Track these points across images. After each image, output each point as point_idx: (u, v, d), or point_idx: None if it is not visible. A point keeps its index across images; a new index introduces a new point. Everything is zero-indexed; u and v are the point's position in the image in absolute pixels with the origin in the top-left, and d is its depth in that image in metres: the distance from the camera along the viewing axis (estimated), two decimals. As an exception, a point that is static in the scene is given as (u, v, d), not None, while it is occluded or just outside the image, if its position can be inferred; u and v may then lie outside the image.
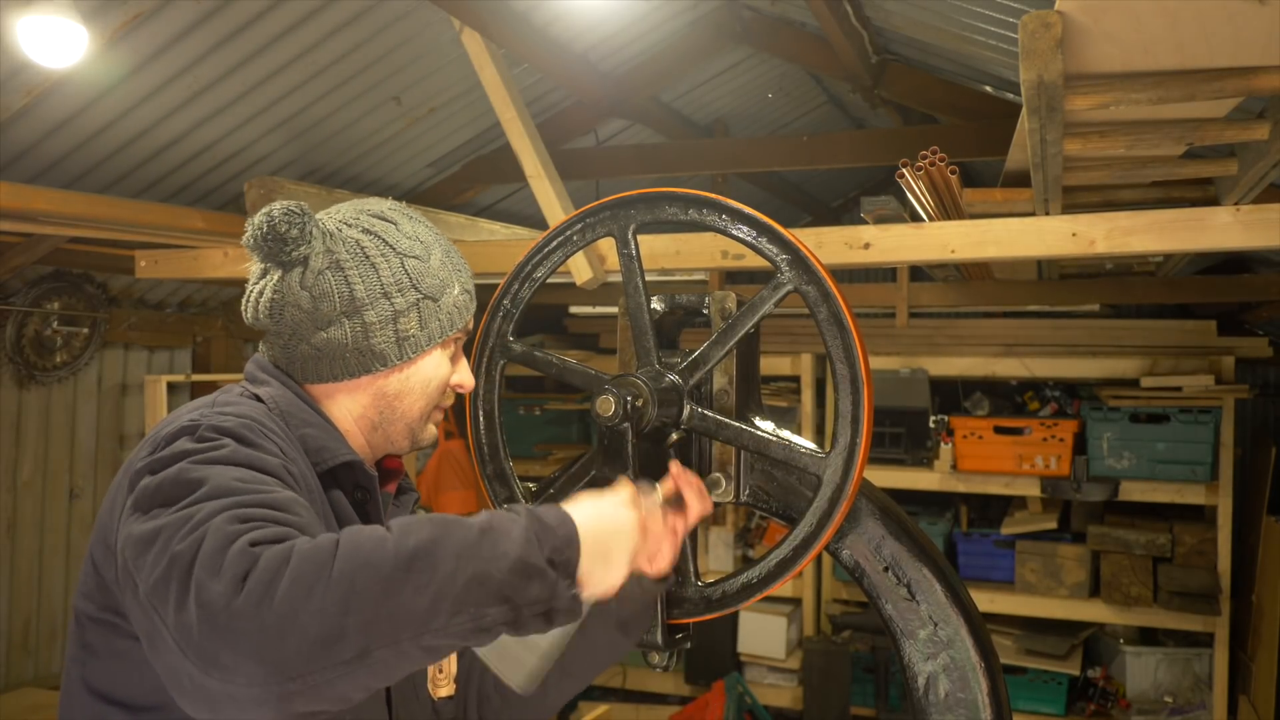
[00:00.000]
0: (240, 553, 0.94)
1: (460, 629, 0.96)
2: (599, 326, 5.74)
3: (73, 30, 2.54)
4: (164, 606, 0.95)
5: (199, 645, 0.92)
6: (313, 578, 0.92)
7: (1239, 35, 1.57)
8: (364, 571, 0.93)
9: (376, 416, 1.34)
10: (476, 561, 0.97)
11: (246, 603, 0.91)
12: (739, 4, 3.97)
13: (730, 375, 1.47)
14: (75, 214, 2.95)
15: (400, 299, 1.30)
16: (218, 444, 1.11)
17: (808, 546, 1.37)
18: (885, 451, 4.82)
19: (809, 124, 5.55)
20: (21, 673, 4.13)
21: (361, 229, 1.31)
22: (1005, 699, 1.43)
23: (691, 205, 1.45)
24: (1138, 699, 4.61)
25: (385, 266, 1.29)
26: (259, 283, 1.31)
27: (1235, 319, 5.31)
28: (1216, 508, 4.37)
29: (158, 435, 1.15)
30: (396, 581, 0.93)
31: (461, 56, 3.38)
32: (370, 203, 1.37)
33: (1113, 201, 2.75)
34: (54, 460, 4.26)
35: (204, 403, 1.24)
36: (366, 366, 1.30)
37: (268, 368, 1.32)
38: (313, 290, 1.27)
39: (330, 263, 1.28)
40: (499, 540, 0.99)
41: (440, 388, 1.37)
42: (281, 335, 1.31)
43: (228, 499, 1.01)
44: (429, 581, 0.94)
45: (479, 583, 0.96)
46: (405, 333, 1.31)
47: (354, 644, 0.91)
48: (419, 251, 1.32)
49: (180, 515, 1.00)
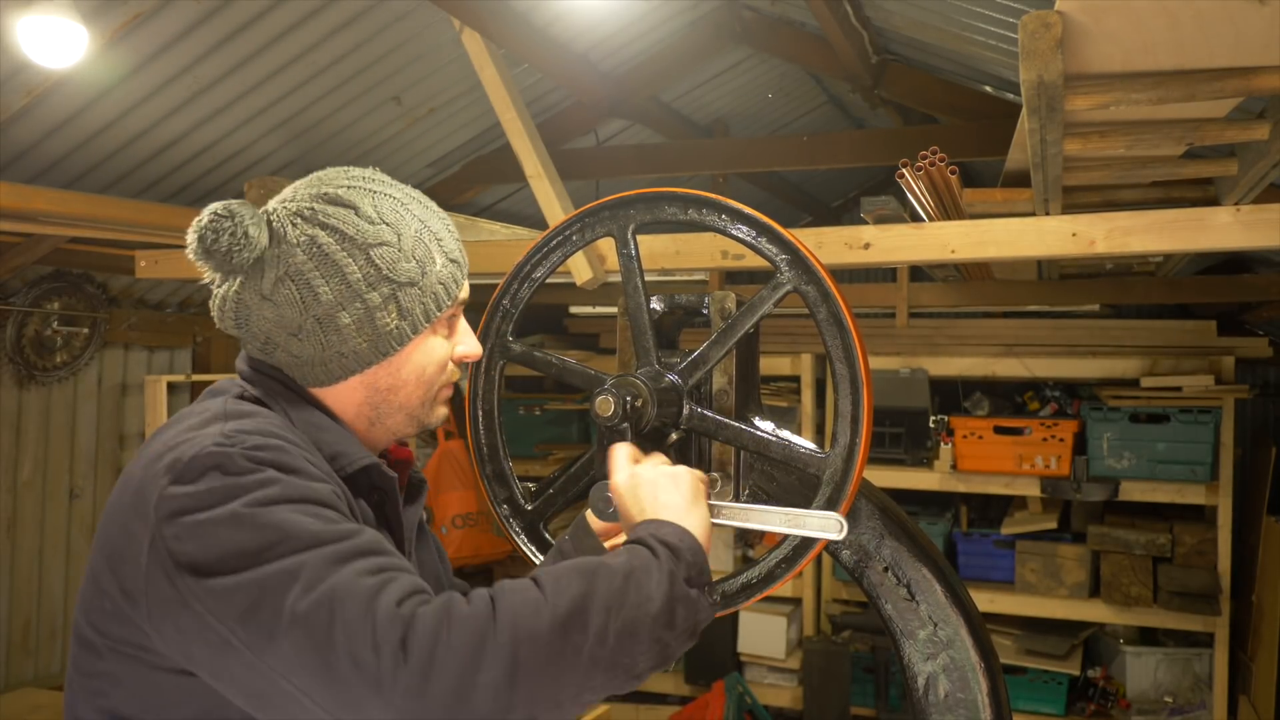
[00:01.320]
0: (390, 619, 0.93)
1: (612, 684, 1.00)
2: (599, 326, 5.74)
3: (73, 30, 2.54)
4: (307, 676, 0.93)
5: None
6: (478, 649, 0.93)
7: (1239, 35, 1.57)
8: (526, 643, 0.94)
9: (372, 412, 1.25)
10: (626, 610, 1.00)
11: (415, 677, 0.91)
12: (739, 4, 3.97)
13: (730, 375, 1.47)
14: (75, 214, 2.95)
15: (373, 294, 1.18)
16: (261, 477, 1.03)
17: (808, 546, 1.37)
18: (885, 451, 4.81)
19: (809, 124, 5.55)
20: (21, 673, 4.13)
21: (317, 223, 1.18)
22: (1005, 699, 1.43)
23: (691, 205, 1.45)
24: (1138, 699, 4.61)
25: (350, 264, 1.17)
26: (220, 288, 1.21)
27: (1235, 319, 5.30)
28: (1216, 508, 4.37)
29: (177, 459, 1.04)
30: (555, 650, 0.95)
31: (461, 56, 3.38)
32: (327, 180, 1.24)
33: (1113, 201, 2.75)
34: (54, 460, 4.26)
35: (215, 414, 1.13)
36: (350, 369, 1.21)
37: (261, 366, 1.23)
38: (274, 299, 1.17)
39: (287, 269, 1.16)
40: (642, 583, 1.03)
41: (438, 371, 1.28)
42: (255, 340, 1.21)
43: (323, 549, 0.98)
44: (584, 643, 0.96)
45: (630, 635, 1.00)
46: (384, 328, 1.20)
47: (522, 714, 0.93)
48: (387, 236, 1.19)
49: (277, 571, 0.95)
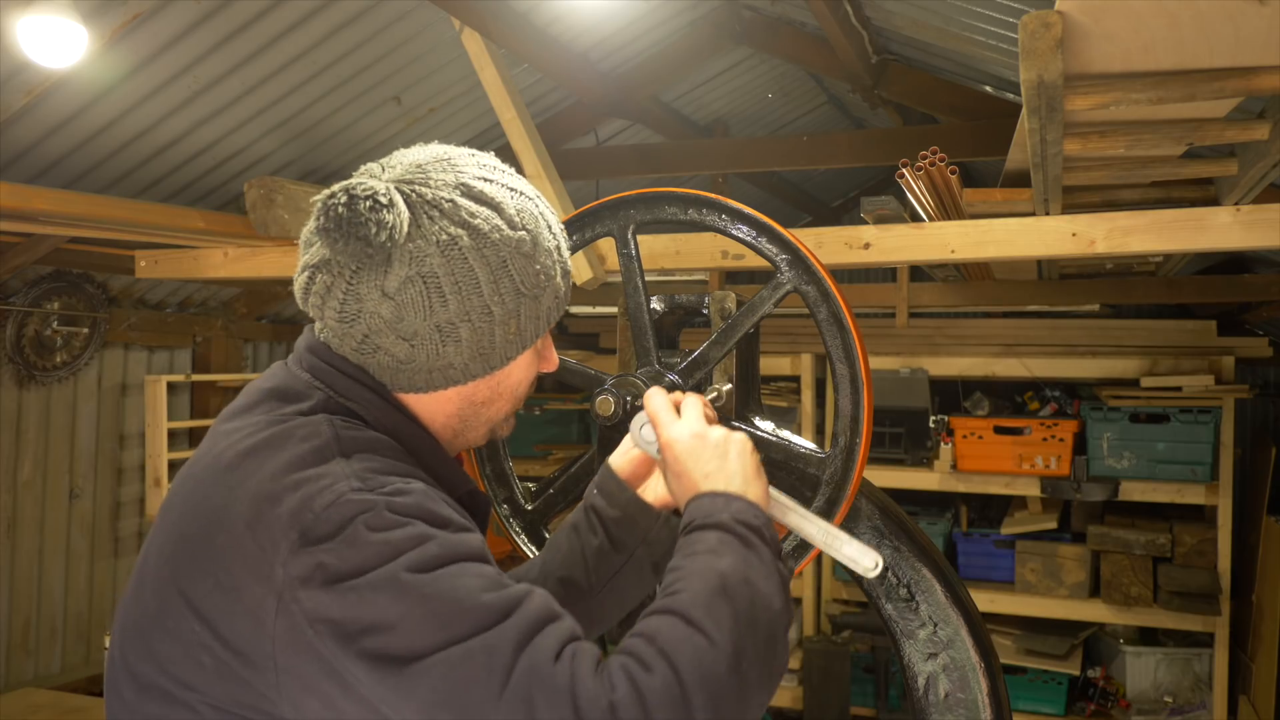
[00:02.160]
0: (591, 702, 0.90)
1: (771, 692, 1.02)
2: (599, 326, 5.74)
3: (73, 30, 2.54)
4: None
5: None
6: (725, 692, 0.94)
7: (1239, 35, 1.57)
8: (720, 698, 0.94)
9: (460, 424, 1.16)
10: (762, 621, 1.00)
11: None
12: (739, 4, 3.97)
13: (730, 375, 1.47)
14: (75, 214, 2.95)
15: (499, 307, 1.08)
16: (414, 532, 0.94)
17: (808, 546, 1.37)
18: (885, 451, 4.81)
19: (809, 124, 5.55)
20: (21, 673, 4.13)
21: (458, 220, 1.05)
22: (1005, 699, 1.43)
23: (691, 205, 1.45)
24: (1138, 699, 4.61)
25: (485, 272, 1.06)
26: (321, 274, 1.07)
27: (1235, 319, 5.30)
28: (1216, 508, 4.37)
29: (303, 507, 0.94)
30: (737, 689, 0.95)
31: (461, 56, 3.38)
32: (461, 165, 1.10)
33: (1113, 201, 2.75)
34: (54, 460, 4.26)
35: (326, 442, 1.01)
36: (454, 380, 1.11)
37: (345, 366, 1.09)
38: (397, 299, 1.04)
39: (420, 268, 1.04)
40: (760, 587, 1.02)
41: (530, 387, 1.21)
42: (352, 338, 1.08)
43: (505, 625, 0.92)
44: (751, 671, 0.97)
45: (772, 642, 1.00)
46: (500, 343, 1.11)
47: None
48: (526, 245, 1.09)
49: (463, 654, 0.89)
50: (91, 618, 4.43)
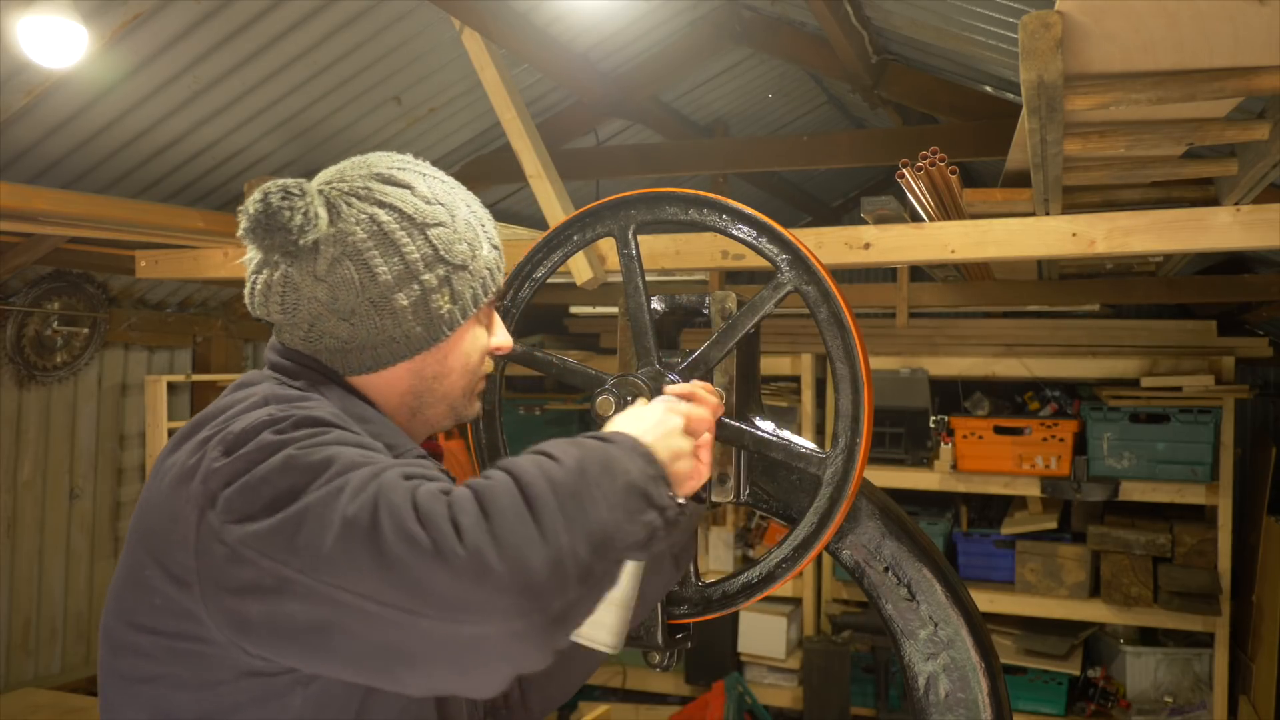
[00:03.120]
0: (432, 497, 0.91)
1: (636, 537, 0.97)
2: (599, 326, 5.74)
3: (73, 30, 2.54)
4: (353, 577, 0.88)
5: (441, 596, 0.86)
6: (517, 506, 0.91)
7: (1239, 35, 1.57)
8: (556, 491, 0.92)
9: (415, 401, 1.21)
10: (617, 472, 0.98)
11: (474, 539, 0.87)
12: (739, 4, 3.97)
13: (730, 375, 1.47)
14: (75, 214, 2.95)
15: (429, 275, 1.16)
16: (312, 430, 1.01)
17: (808, 546, 1.37)
18: (885, 451, 4.82)
19: (809, 124, 5.55)
20: (21, 673, 4.13)
21: (375, 201, 1.15)
22: (1005, 699, 1.43)
23: (691, 205, 1.45)
24: (1138, 699, 4.61)
25: (409, 243, 1.15)
26: (260, 274, 1.16)
27: (1235, 319, 5.30)
28: (1216, 508, 4.37)
29: (226, 434, 1.01)
30: (582, 494, 0.93)
31: (461, 56, 3.38)
32: (375, 162, 1.21)
33: (1113, 201, 2.75)
34: (54, 460, 4.26)
35: (261, 398, 1.09)
36: (400, 354, 1.17)
37: (298, 356, 1.17)
38: (329, 280, 1.13)
39: (345, 248, 1.13)
40: (611, 453, 1.01)
41: (480, 360, 1.26)
42: (299, 327, 1.16)
43: (371, 467, 0.95)
44: (601, 493, 0.95)
45: (628, 491, 0.98)
46: (438, 311, 1.17)
47: (580, 561, 0.90)
48: (442, 216, 1.18)
49: (326, 492, 0.93)
50: (91, 618, 4.43)
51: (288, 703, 1.01)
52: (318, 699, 1.02)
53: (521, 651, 0.89)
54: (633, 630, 1.43)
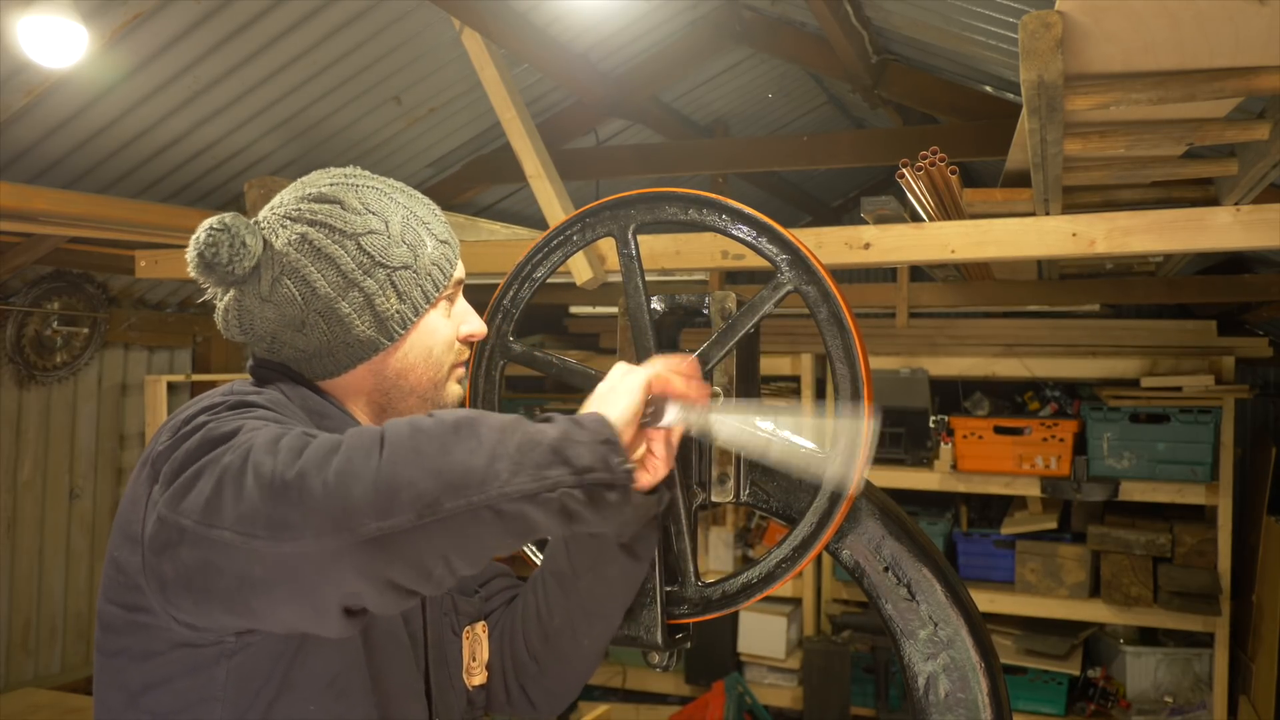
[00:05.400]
0: (295, 437, 0.98)
1: (526, 487, 0.97)
2: (599, 326, 5.74)
3: (73, 30, 2.54)
4: (219, 514, 0.95)
5: (266, 516, 0.93)
6: (369, 445, 0.96)
7: (1239, 35, 1.57)
8: (417, 436, 0.97)
9: (383, 399, 1.27)
10: (520, 433, 1.00)
11: (308, 465, 0.94)
12: (739, 4, 3.97)
13: (730, 375, 1.47)
14: (75, 214, 2.96)
15: (369, 281, 1.21)
16: (243, 411, 1.09)
17: (808, 546, 1.37)
18: (885, 451, 4.81)
19: (809, 124, 5.55)
20: (21, 673, 4.13)
21: (305, 220, 1.22)
22: (1005, 699, 1.43)
23: (691, 205, 1.45)
24: (1138, 699, 4.61)
25: (342, 255, 1.21)
26: (222, 300, 1.26)
27: (1235, 319, 5.30)
28: (1216, 508, 4.37)
29: (175, 421, 1.11)
30: (449, 442, 0.96)
31: (461, 56, 3.38)
32: (311, 182, 1.28)
33: (1113, 201, 2.75)
34: (54, 460, 4.26)
35: (217, 393, 1.17)
36: (357, 357, 1.23)
37: (268, 364, 1.26)
38: (274, 299, 1.21)
39: (282, 268, 1.20)
40: (534, 425, 1.03)
41: (445, 349, 1.30)
42: (262, 342, 1.25)
43: (274, 428, 1.03)
44: (480, 444, 0.97)
45: (530, 446, 0.99)
46: (386, 313, 1.23)
47: (420, 493, 0.93)
48: (374, 224, 1.23)
49: (222, 449, 1.00)
50: (91, 618, 4.43)
51: (214, 674, 1.07)
52: (240, 670, 1.08)
53: (339, 572, 0.93)
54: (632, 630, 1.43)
